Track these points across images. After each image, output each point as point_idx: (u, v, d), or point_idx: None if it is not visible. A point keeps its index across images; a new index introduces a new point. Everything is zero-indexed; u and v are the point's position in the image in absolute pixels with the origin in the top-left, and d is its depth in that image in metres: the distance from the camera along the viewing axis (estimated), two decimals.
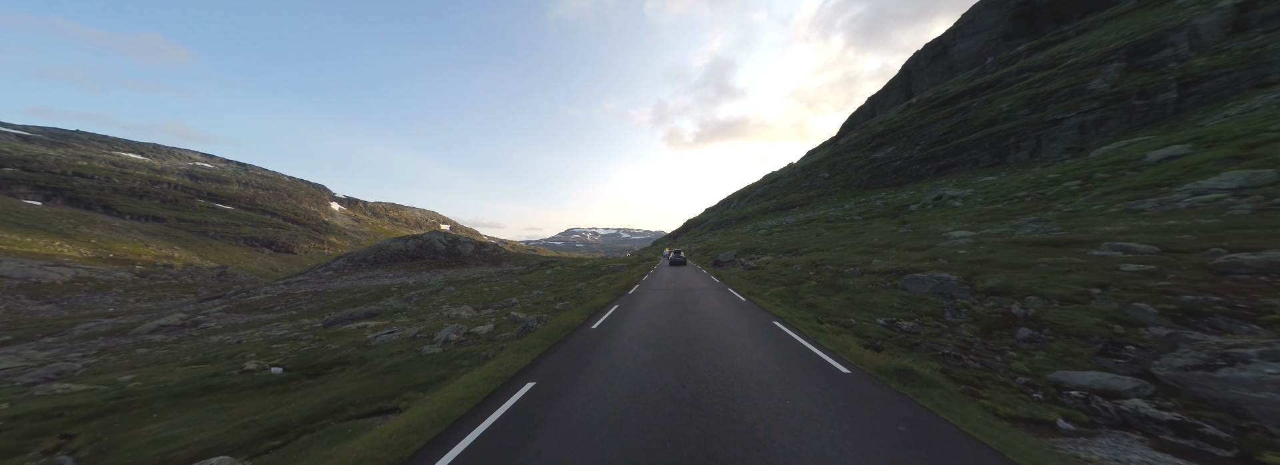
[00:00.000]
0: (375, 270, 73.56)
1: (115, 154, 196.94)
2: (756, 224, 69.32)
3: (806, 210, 66.52)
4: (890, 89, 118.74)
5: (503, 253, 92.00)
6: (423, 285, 49.04)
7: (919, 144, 61.66)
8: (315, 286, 58.85)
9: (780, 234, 40.92)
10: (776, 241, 32.36)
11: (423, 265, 78.24)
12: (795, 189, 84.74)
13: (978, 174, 47.34)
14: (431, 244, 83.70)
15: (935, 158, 56.10)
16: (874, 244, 21.29)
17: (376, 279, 65.42)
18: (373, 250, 78.04)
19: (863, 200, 55.64)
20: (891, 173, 62.31)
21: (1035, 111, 47.76)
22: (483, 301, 22.23)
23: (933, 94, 76.45)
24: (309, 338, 17.43)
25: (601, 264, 38.31)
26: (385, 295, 44.33)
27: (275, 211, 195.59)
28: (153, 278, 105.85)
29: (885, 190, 58.90)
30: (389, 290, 45.50)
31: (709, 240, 65.77)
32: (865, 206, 44.48)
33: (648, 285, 20.81)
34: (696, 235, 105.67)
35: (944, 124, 60.56)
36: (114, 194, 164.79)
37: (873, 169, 66.93)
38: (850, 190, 67.26)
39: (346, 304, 40.11)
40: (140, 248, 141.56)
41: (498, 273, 51.39)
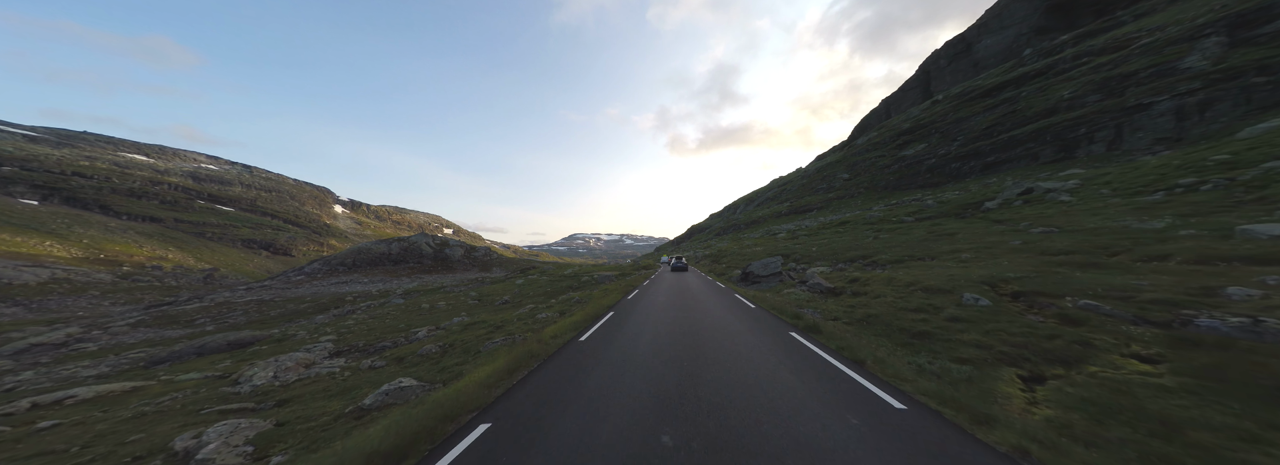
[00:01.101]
0: (351, 275, 65.68)
1: (120, 155, 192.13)
2: (770, 228, 60.88)
3: (826, 213, 58.08)
4: (907, 90, 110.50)
5: (494, 257, 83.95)
6: (386, 294, 41.05)
7: (956, 140, 53.22)
8: (276, 293, 51.00)
9: (812, 238, 32.56)
10: (819, 246, 23.97)
11: (405, 270, 70.30)
12: (810, 191, 76.29)
13: (1038, 170, 38.82)
14: (417, 247, 75.84)
15: (980, 154, 47.60)
16: (1006, 248, 13.05)
17: (348, 285, 57.51)
18: (351, 253, 70.27)
19: (895, 201, 47.18)
20: (925, 172, 53.83)
21: (1110, 97, 39.28)
22: (388, 329, 14.11)
23: (960, 90, 68.14)
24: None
25: (584, 273, 30.32)
26: (336, 305, 36.40)
27: (276, 214, 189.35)
28: (134, 280, 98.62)
29: (919, 191, 50.38)
30: (343, 300, 37.65)
31: (718, 245, 57.42)
32: (911, 207, 35.99)
33: (633, 315, 11.74)
34: (702, 240, 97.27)
35: (985, 117, 52.16)
36: (112, 194, 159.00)
37: (901, 168, 58.48)
38: (875, 191, 58.79)
39: (283, 317, 32.15)
40: (134, 248, 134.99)
41: (471, 281, 43.49)
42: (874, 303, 9.53)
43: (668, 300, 14.20)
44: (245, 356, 13.82)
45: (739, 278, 19.31)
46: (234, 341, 16.56)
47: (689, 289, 17.61)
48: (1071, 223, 15.22)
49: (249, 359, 12.89)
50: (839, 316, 9.16)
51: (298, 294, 49.30)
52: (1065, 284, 8.42)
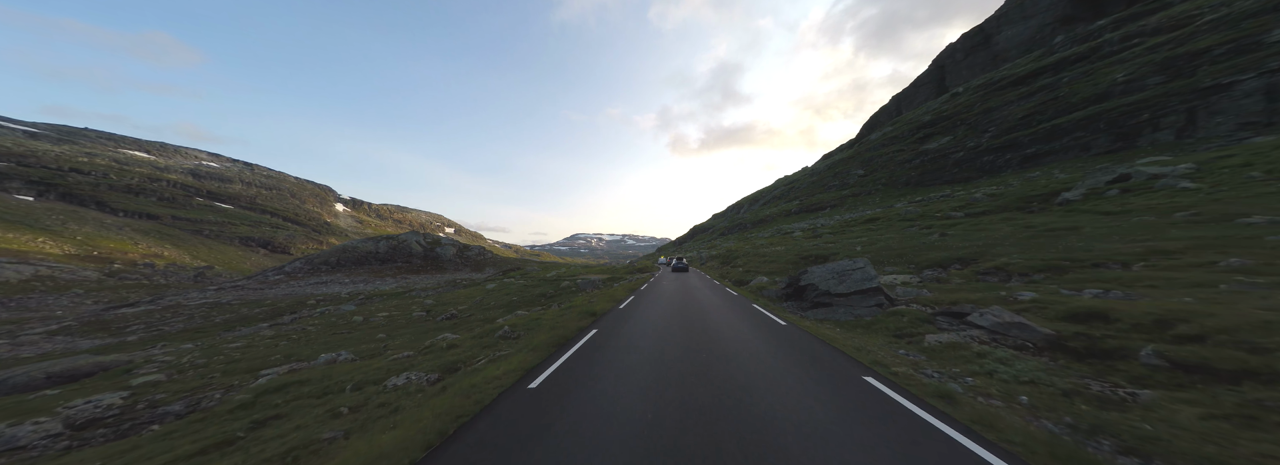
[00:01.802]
0: (334, 275, 60.88)
1: (121, 151, 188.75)
2: (780, 227, 55.66)
3: (842, 211, 52.82)
4: (919, 85, 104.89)
5: (488, 257, 79.01)
6: (353, 296, 36.20)
7: (987, 132, 47.83)
8: (242, 294, 46.25)
9: (839, 236, 27.32)
10: (862, 246, 18.71)
11: (392, 269, 65.45)
12: (821, 189, 70.95)
13: (1094, 161, 33.48)
14: (407, 246, 70.99)
15: (1017, 145, 42.20)
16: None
17: (326, 285, 52.71)
18: (336, 252, 65.49)
19: (922, 198, 41.90)
20: (951, 166, 48.45)
21: (1177, 78, 33.87)
22: (239, 368, 9.17)
23: (984, 81, 62.69)
24: None
25: (567, 277, 25.28)
26: (294, 309, 31.57)
27: (276, 211, 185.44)
28: (123, 277, 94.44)
29: (947, 186, 45.03)
30: (304, 303, 32.83)
31: (725, 245, 52.30)
32: (953, 201, 30.73)
33: (596, 376, 5.99)
34: (706, 240, 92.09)
35: (1020, 106, 46.74)
36: (109, 191, 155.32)
37: (924, 163, 53.10)
38: (895, 187, 53.44)
39: (225, 324, 27.30)
40: (129, 245, 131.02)
41: (448, 283, 38.57)
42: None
43: (669, 337, 8.42)
44: (30, 406, 8.83)
45: (785, 293, 12.22)
46: (60, 374, 11.58)
47: (702, 310, 11.31)
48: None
49: (28, 412, 7.97)
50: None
51: (265, 295, 44.56)
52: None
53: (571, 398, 5.05)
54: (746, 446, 3.71)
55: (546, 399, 5.05)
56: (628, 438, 3.93)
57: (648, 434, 3.99)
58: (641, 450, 3.68)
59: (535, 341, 7.71)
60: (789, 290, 11.73)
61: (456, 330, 11.38)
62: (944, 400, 4.71)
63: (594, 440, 3.91)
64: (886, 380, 5.44)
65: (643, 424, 4.22)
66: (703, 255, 43.16)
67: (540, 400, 5.01)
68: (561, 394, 5.20)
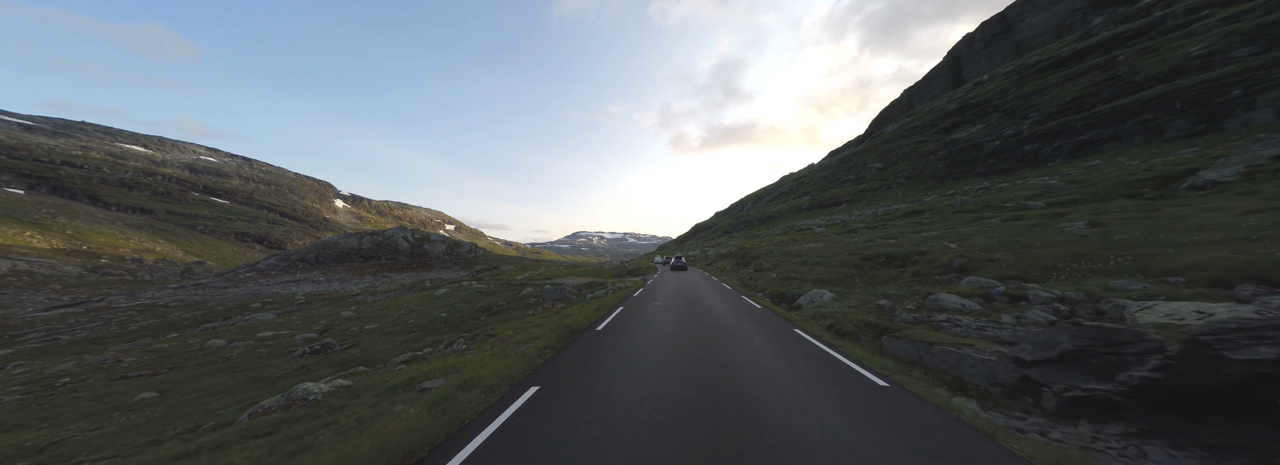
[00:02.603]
0: (311, 272, 55.80)
1: (117, 145, 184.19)
2: (792, 223, 50.26)
3: (860, 206, 47.39)
4: (934, 78, 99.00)
5: (481, 254, 73.82)
6: (311, 298, 31.14)
7: (1028, 117, 42.22)
8: (196, 294, 41.29)
9: (876, 232, 21.78)
10: (957, 243, 12.99)
11: (375, 267, 60.35)
12: (834, 184, 65.42)
13: (1175, 146, 27.97)
14: (392, 242, 65.84)
15: (1068, 131, 36.61)
16: None
17: (298, 284, 47.65)
18: (316, 248, 60.41)
19: (955, 191, 36.47)
20: (986, 156, 42.87)
21: (1272, 47, 28.29)
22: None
23: (1014, 67, 56.99)
24: None
25: (535, 282, 19.80)
26: (239, 312, 26.55)
27: (273, 207, 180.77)
28: (106, 273, 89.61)
29: (983, 178, 39.52)
30: (247, 306, 27.71)
31: (732, 243, 46.98)
32: (1024, 191, 25.31)
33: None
34: (709, 238, 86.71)
35: (1067, 89, 41.11)
36: (102, 184, 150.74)
37: (952, 154, 47.55)
38: (920, 180, 47.92)
39: (145, 331, 22.25)
40: (120, 240, 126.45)
41: (414, 284, 33.41)
42: None
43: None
44: None
45: (1013, 369, 5.08)
46: None
47: (754, 404, 4.83)
48: None
49: None
50: None
51: (219, 296, 39.61)
52: None
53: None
54: None
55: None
56: None
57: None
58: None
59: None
60: (1034, 364, 4.89)
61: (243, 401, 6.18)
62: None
63: None
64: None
65: None
66: (710, 254, 37.76)
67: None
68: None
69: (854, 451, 3.56)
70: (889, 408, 4.59)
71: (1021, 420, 4.48)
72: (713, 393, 5.05)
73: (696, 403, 4.72)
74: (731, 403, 4.74)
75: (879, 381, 5.48)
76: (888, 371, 5.82)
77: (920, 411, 4.47)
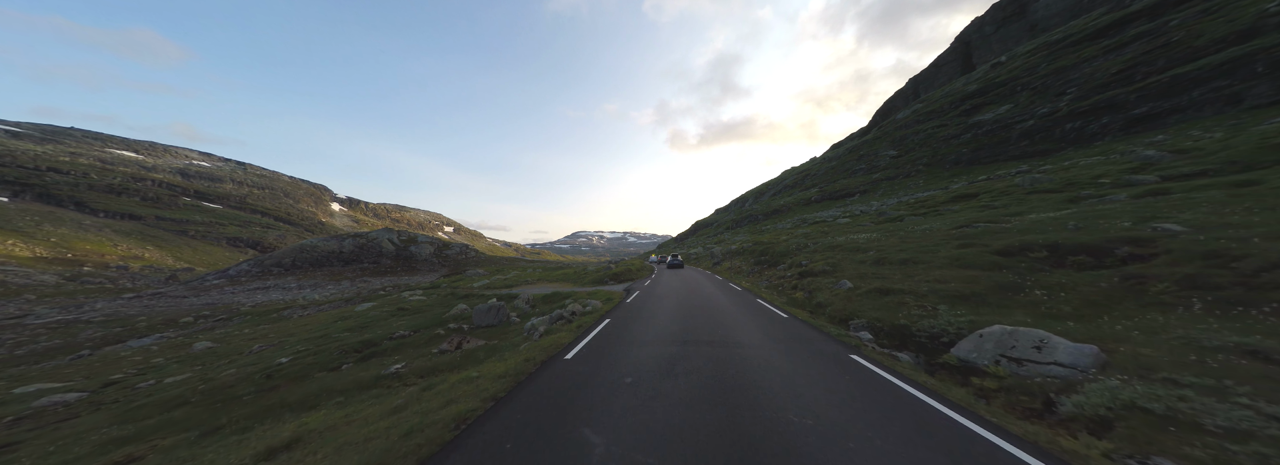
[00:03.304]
0: (284, 278, 51.26)
1: (108, 151, 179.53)
2: (803, 216, 45.65)
3: (878, 196, 42.79)
4: (941, 65, 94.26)
5: (472, 255, 69.20)
6: (260, 311, 26.58)
7: (1066, 93, 37.56)
8: (150, 304, 36.79)
9: (930, 220, 17.07)
10: (1136, 220, 7.82)
11: (355, 271, 55.78)
12: (844, 174, 60.78)
13: (1262, 115, 23.34)
14: (376, 244, 61.24)
15: (1118, 105, 31.97)
16: None
17: (265, 292, 43.13)
18: (292, 252, 55.84)
19: (986, 177, 31.91)
20: (1019, 138, 38.21)
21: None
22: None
23: (1038, 44, 52.30)
24: None
25: (490, 292, 15.19)
26: (169, 326, 22.05)
27: (267, 211, 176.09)
28: (85, 281, 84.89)
29: (1016, 161, 34.92)
30: (176, 322, 23.23)
31: (737, 239, 42.47)
32: (1091, 171, 20.70)
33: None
34: (712, 234, 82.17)
35: (1111, 61, 36.46)
36: (89, 191, 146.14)
37: (977, 137, 42.89)
38: (942, 166, 43.28)
39: (48, 353, 17.75)
40: (107, 247, 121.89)
41: (378, 288, 28.87)
42: None
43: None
44: None
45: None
46: None
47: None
48: None
49: None
50: None
51: (173, 306, 35.14)
52: None
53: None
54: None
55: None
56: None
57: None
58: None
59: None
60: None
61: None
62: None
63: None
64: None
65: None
66: (716, 251, 33.12)
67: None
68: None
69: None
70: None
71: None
72: None
73: None
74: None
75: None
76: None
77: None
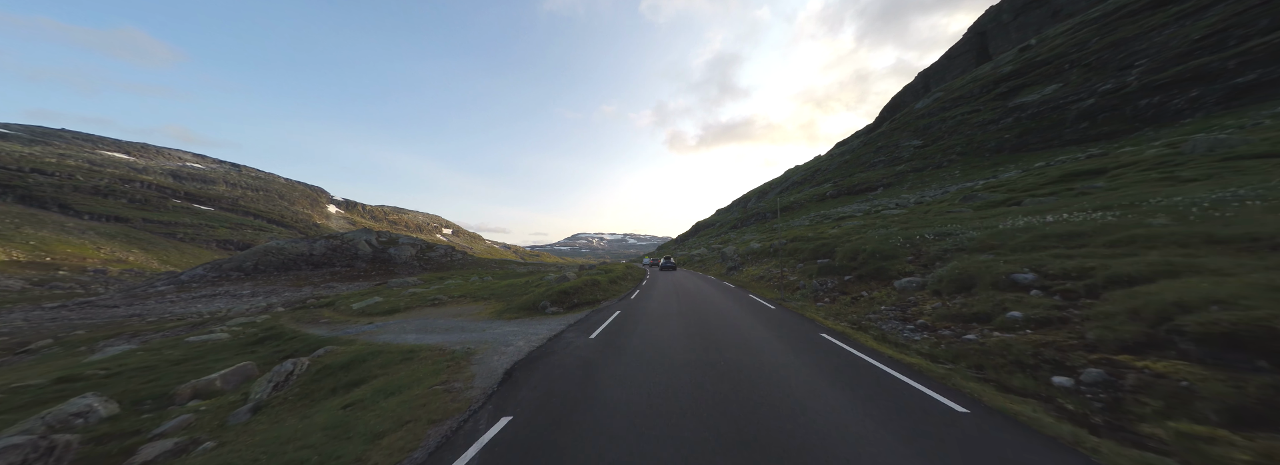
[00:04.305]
0: (241, 283, 45.29)
1: (97, 152, 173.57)
2: (820, 213, 39.76)
3: (904, 189, 36.92)
4: (953, 57, 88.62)
5: (458, 258, 63.18)
6: (163, 325, 20.87)
7: (1135, 66, 31.72)
8: (66, 315, 30.92)
9: (1059, 202, 11.29)
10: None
11: (324, 276, 49.79)
12: (862, 167, 54.88)
13: None
14: (352, 246, 55.27)
15: (1210, 75, 26.06)
16: None
17: (207, 300, 37.16)
18: (255, 255, 49.92)
19: (1044, 164, 26.09)
20: (1077, 119, 32.30)
21: None
22: None
23: (1081, 21, 46.55)
24: None
25: (308, 333, 9.54)
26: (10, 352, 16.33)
27: (260, 213, 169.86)
28: (53, 286, 78.50)
29: (1076, 146, 29.08)
30: (18, 347, 17.69)
31: (748, 239, 36.60)
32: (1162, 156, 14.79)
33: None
34: (716, 233, 76.29)
35: (1190, 25, 30.61)
36: (74, 192, 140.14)
37: (1020, 121, 37.02)
38: (980, 155, 37.36)
39: None
40: (89, 250, 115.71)
41: (298, 300, 23.16)
42: None
43: None
44: None
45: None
46: None
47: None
48: None
49: None
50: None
51: (92, 317, 29.32)
52: None
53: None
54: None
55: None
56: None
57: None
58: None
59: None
60: None
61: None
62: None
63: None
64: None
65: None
66: (729, 253, 27.12)
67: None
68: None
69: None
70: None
71: None
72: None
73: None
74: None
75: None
76: None
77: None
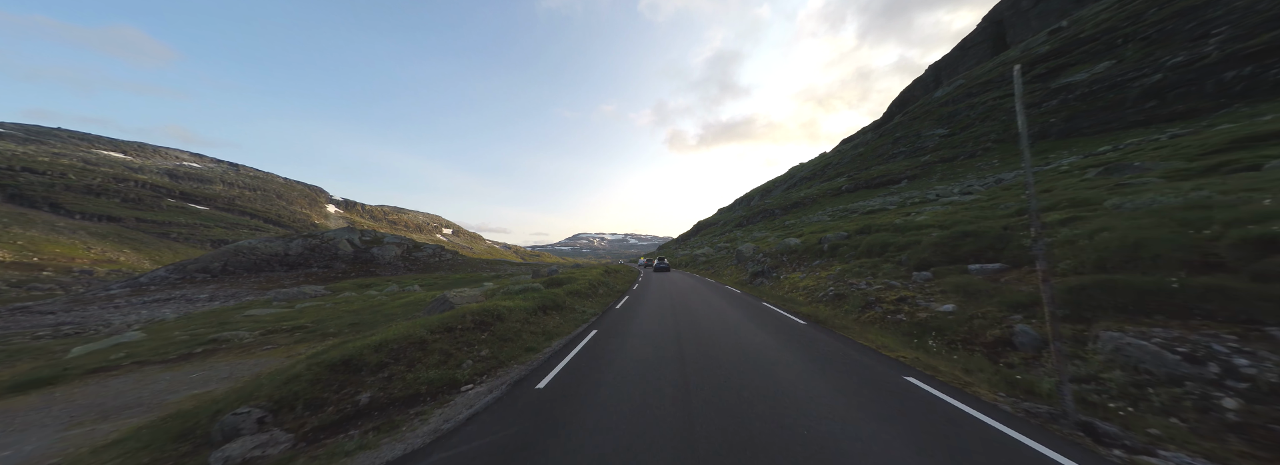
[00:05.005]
0: (205, 286, 40.95)
1: (93, 151, 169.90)
2: (842, 207, 35.23)
3: (932, 181, 32.42)
4: (967, 48, 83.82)
5: (447, 258, 58.75)
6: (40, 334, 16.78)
7: (1215, 35, 27.08)
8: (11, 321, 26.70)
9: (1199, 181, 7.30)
10: None
11: (299, 277, 45.46)
12: (880, 159, 50.26)
13: None
14: (332, 246, 50.91)
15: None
16: None
17: (155, 306, 32.82)
18: (223, 255, 45.61)
19: (1113, 146, 21.60)
20: (1139, 98, 27.74)
21: None
22: None
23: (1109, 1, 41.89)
24: None
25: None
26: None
27: (257, 213, 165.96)
28: (31, 287, 74.42)
29: (1140, 128, 24.56)
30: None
31: (763, 236, 32.16)
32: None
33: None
34: (718, 232, 71.80)
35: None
36: (66, 191, 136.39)
37: (1069, 103, 32.40)
38: (1020, 142, 32.97)
39: None
40: (79, 250, 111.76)
41: (247, 302, 19.11)
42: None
43: None
44: None
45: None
46: None
47: None
48: None
49: None
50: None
51: (16, 325, 25.13)
52: None
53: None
54: None
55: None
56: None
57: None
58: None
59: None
60: None
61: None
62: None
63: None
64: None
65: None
66: (746, 252, 22.63)
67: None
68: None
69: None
70: None
71: None
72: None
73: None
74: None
75: None
76: None
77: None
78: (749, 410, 4.03)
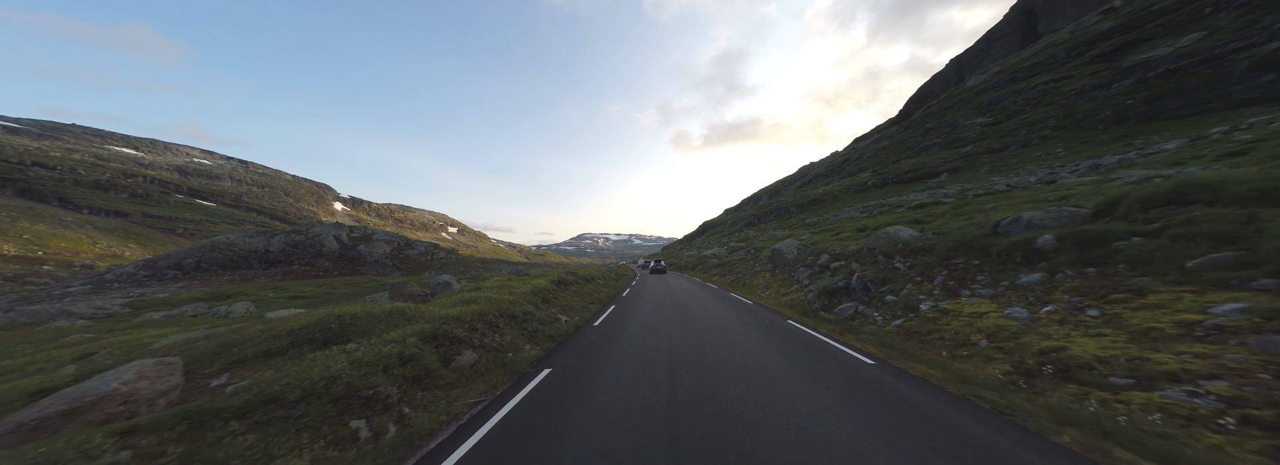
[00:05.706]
0: (173, 284, 37.19)
1: (105, 147, 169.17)
2: (875, 203, 30.42)
3: (980, 174, 27.50)
4: (994, 39, 78.23)
5: (440, 257, 54.62)
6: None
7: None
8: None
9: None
10: None
11: (279, 274, 41.55)
12: (910, 152, 45.20)
13: None
14: (317, 242, 46.99)
15: None
16: None
17: (113, 303, 29.10)
18: (199, 251, 41.86)
19: (1227, 126, 16.68)
20: (1249, 71, 22.65)
21: None
22: None
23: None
24: None
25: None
26: None
27: (263, 209, 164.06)
28: (27, 281, 71.83)
29: (1255, 109, 19.59)
30: None
31: (783, 234, 27.50)
32: None
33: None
34: (726, 232, 67.02)
35: None
36: (75, 186, 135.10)
37: (1149, 82, 27.30)
38: (1092, 128, 27.70)
39: None
40: (84, 245, 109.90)
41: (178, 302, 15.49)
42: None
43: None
44: None
45: None
46: None
47: None
48: None
49: None
50: None
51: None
52: None
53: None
54: None
55: None
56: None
57: None
58: None
59: None
60: None
61: None
62: None
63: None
64: None
65: None
66: (786, 251, 17.74)
67: None
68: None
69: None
70: None
71: None
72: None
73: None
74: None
75: None
76: None
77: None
78: None
